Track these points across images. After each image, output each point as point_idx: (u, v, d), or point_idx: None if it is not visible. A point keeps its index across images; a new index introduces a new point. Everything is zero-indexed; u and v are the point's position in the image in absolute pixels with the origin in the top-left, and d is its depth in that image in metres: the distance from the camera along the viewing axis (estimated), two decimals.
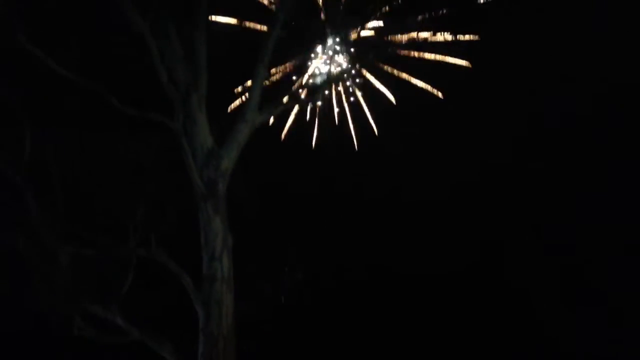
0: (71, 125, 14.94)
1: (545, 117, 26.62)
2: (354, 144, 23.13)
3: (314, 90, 15.26)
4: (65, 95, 14.87)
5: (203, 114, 14.12)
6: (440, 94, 22.62)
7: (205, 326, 13.00)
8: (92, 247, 14.02)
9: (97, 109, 14.83)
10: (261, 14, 14.78)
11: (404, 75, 21.43)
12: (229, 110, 15.20)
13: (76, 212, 14.23)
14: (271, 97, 14.84)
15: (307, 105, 15.93)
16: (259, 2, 15.79)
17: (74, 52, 14.33)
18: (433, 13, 15.67)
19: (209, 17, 14.80)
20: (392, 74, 21.50)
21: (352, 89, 20.81)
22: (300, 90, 15.46)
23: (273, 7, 15.79)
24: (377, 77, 21.46)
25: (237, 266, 13.37)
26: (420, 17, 16.09)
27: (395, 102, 22.60)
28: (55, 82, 14.49)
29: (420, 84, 22.12)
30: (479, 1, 16.01)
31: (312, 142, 21.50)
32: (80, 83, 14.15)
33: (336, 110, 21.00)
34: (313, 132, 21.64)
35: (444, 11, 15.75)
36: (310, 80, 15.58)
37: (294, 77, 15.61)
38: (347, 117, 21.80)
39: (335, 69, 15.55)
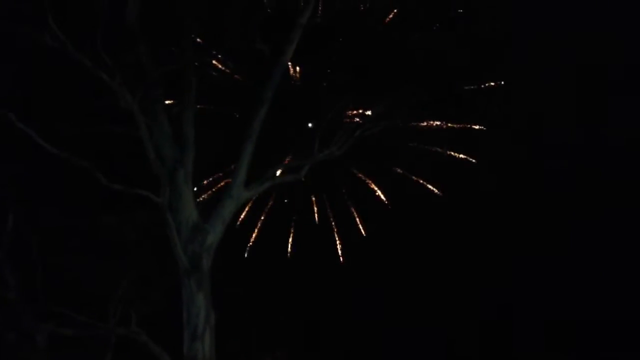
0: (55, 201, 14.82)
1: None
2: (339, 255, 21.18)
3: (300, 169, 15.34)
4: (51, 171, 14.84)
5: (189, 189, 14.12)
6: (437, 191, 20.72)
7: None
8: (71, 326, 13.59)
9: (82, 184, 14.79)
10: (249, 92, 15.03)
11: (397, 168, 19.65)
12: (215, 186, 15.15)
13: (56, 290, 13.89)
14: (257, 175, 14.87)
15: (293, 182, 15.84)
16: (245, 82, 16.02)
17: (62, 129, 14.40)
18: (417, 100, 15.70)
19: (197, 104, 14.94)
20: (382, 167, 19.84)
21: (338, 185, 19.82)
22: (286, 170, 15.50)
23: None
24: (367, 171, 19.82)
25: (219, 344, 13.02)
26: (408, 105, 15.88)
27: (388, 201, 20.52)
28: (41, 158, 14.49)
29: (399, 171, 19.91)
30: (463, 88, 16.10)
31: (287, 251, 19.85)
32: (68, 160, 14.17)
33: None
34: (289, 239, 19.98)
35: (425, 98, 15.74)
36: (296, 160, 15.63)
37: (281, 155, 15.69)
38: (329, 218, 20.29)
39: (320, 153, 15.58)
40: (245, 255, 16.84)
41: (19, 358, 13.20)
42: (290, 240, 18.92)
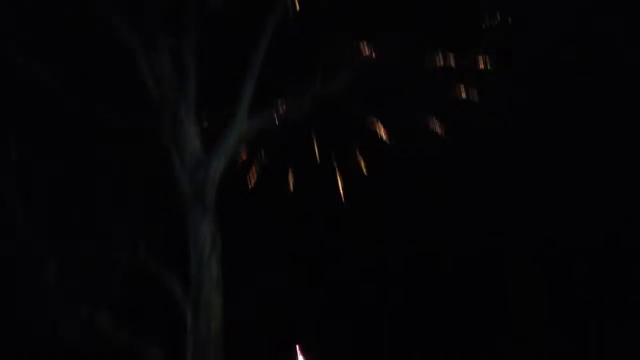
0: (58, 136, 14.88)
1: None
2: (341, 196, 21.02)
3: (301, 102, 15.34)
4: (52, 106, 14.84)
5: (192, 122, 14.24)
6: (439, 130, 20.04)
7: (194, 330, 12.96)
8: (80, 251, 13.86)
9: (84, 122, 14.83)
10: (251, 22, 14.90)
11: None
12: (219, 118, 15.15)
13: (63, 219, 14.08)
14: (260, 108, 14.89)
15: (297, 117, 15.82)
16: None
17: (60, 64, 14.38)
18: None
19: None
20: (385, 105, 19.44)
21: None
22: (288, 102, 15.46)
23: None
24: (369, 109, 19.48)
25: (226, 269, 13.30)
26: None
27: (390, 140, 20.13)
28: (41, 93, 14.51)
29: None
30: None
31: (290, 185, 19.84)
32: (69, 94, 14.22)
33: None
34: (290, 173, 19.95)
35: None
36: (298, 92, 15.56)
37: (284, 88, 15.61)
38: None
39: (322, 86, 15.55)
40: (249, 187, 16.88)
41: (27, 277, 13.42)
42: (291, 177, 19.00)
